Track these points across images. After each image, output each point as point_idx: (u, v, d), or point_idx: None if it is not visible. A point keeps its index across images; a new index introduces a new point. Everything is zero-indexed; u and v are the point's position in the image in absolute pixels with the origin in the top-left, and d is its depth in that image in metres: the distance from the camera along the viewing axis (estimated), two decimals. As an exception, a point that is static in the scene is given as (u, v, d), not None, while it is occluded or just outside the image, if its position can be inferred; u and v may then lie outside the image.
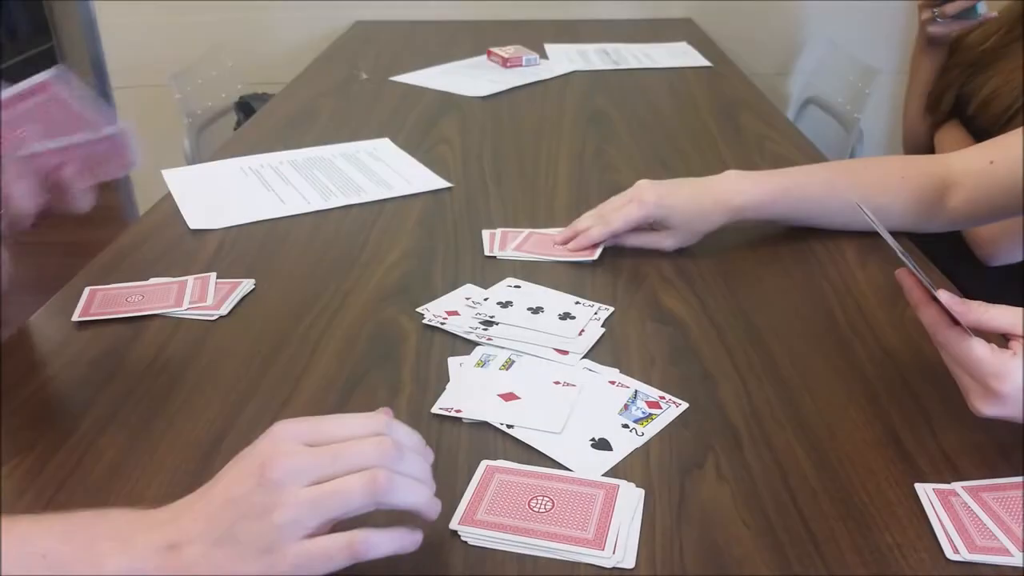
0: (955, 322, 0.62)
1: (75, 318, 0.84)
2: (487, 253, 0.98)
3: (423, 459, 0.55)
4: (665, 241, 0.97)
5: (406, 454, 0.53)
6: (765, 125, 1.48)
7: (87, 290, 0.89)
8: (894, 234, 0.66)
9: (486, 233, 1.02)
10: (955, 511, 0.59)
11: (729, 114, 1.55)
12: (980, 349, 0.61)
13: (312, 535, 0.49)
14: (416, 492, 0.52)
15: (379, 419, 0.55)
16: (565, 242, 0.98)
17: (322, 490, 0.49)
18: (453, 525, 0.58)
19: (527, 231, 1.03)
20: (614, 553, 0.56)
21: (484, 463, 0.64)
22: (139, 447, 0.66)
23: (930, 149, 1.51)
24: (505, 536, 0.57)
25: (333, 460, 0.50)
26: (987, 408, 0.62)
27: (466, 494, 0.61)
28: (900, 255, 0.64)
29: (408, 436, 0.55)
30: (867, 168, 1.02)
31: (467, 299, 0.88)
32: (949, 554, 0.56)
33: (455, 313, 0.85)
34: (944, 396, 0.71)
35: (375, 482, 0.50)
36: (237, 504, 0.49)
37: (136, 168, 0.76)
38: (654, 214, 0.95)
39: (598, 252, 0.96)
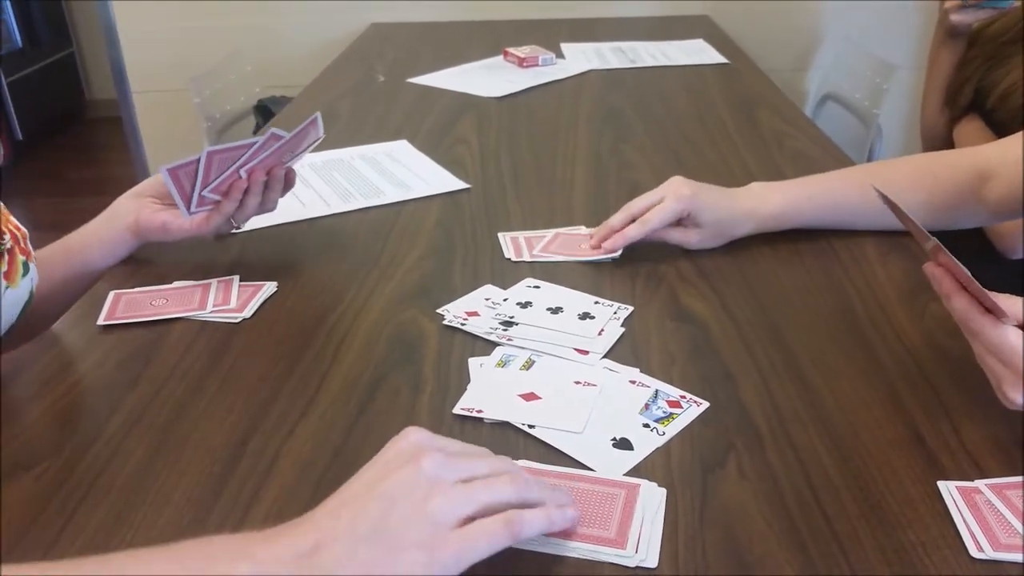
0: (986, 311, 0.62)
1: (100, 322, 0.85)
2: (514, 259, 0.97)
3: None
4: (692, 238, 0.96)
5: (532, 484, 0.56)
6: (783, 121, 1.47)
7: (111, 294, 0.90)
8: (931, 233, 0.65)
9: (503, 236, 1.03)
10: (979, 509, 0.59)
11: (747, 111, 1.54)
12: (1016, 336, 0.60)
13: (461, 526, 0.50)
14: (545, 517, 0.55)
15: (501, 459, 0.58)
16: (598, 243, 0.96)
17: (473, 482, 0.52)
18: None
19: (552, 232, 1.03)
20: (636, 552, 0.56)
21: (506, 463, 0.64)
22: (165, 449, 0.67)
23: (949, 144, 1.50)
24: (528, 536, 0.58)
25: (474, 468, 0.53)
26: (1020, 396, 0.61)
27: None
28: (927, 238, 0.63)
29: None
30: (896, 169, 1.00)
31: (487, 300, 0.88)
32: (973, 552, 0.56)
33: (475, 314, 0.85)
34: (966, 393, 0.71)
35: (517, 480, 0.54)
36: (387, 494, 0.48)
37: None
38: (689, 208, 0.94)
39: (619, 251, 0.96)
